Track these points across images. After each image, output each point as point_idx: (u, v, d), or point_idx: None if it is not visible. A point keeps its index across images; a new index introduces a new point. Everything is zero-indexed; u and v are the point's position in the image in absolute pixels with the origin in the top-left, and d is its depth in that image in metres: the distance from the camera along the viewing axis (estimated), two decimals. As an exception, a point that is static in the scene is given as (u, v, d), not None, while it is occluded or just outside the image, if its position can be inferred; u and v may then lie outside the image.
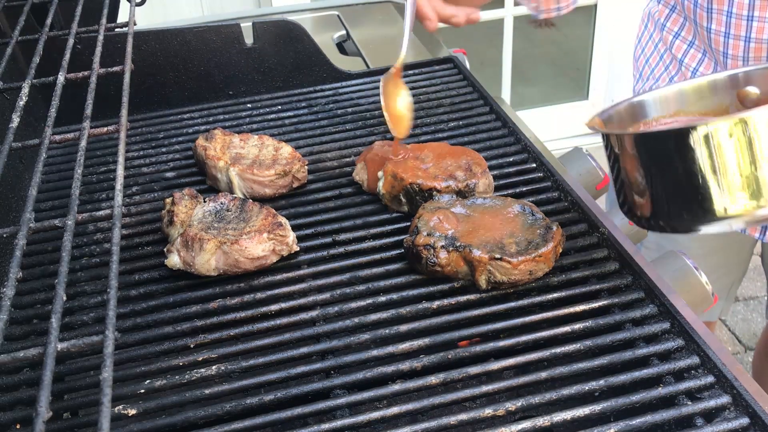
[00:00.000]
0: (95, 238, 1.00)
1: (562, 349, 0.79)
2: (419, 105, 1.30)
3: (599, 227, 0.96)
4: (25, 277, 0.92)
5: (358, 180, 1.08)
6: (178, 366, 0.79)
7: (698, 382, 0.74)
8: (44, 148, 0.67)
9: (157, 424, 0.72)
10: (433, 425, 0.70)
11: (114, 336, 0.47)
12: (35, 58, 0.81)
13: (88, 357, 0.80)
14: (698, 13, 1.16)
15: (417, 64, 1.42)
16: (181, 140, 1.23)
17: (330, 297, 0.88)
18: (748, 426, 0.70)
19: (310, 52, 1.38)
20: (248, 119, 1.29)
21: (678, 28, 1.26)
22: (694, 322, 0.80)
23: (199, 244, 0.88)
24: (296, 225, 0.99)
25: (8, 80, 0.80)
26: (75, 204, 0.60)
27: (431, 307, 0.85)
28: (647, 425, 0.70)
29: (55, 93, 0.73)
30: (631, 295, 0.86)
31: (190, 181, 1.13)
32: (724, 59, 1.16)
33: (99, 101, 0.76)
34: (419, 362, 0.78)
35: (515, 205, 0.94)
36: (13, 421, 0.73)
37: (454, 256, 0.86)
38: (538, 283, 0.88)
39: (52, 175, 1.15)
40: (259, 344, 0.81)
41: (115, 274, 0.53)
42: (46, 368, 0.44)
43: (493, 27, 3.18)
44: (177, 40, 1.33)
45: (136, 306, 0.87)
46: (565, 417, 0.71)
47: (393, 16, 1.78)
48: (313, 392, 0.75)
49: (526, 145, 1.15)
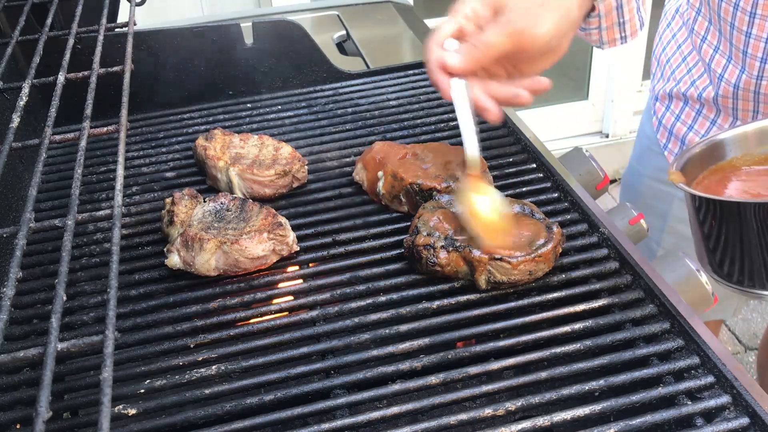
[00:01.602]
0: (95, 238, 1.00)
1: (562, 349, 0.79)
2: (419, 105, 1.30)
3: (599, 227, 0.96)
4: (25, 277, 0.92)
5: (358, 180, 1.08)
6: (178, 366, 0.79)
7: (698, 382, 0.74)
8: (44, 148, 0.67)
9: (157, 424, 0.72)
10: (433, 425, 0.70)
11: (114, 336, 0.47)
12: (35, 58, 0.81)
13: (88, 357, 0.80)
14: (723, 7, 1.15)
15: (417, 63, 1.42)
16: (181, 140, 1.23)
17: (330, 297, 0.88)
18: (748, 426, 0.70)
19: (310, 52, 1.38)
20: (248, 119, 1.29)
21: (704, 32, 1.25)
22: (694, 322, 0.80)
23: (199, 243, 0.88)
24: (296, 225, 0.99)
25: (8, 80, 0.80)
26: (75, 204, 0.60)
27: (431, 307, 0.85)
28: (647, 425, 0.70)
29: (55, 93, 0.73)
30: (631, 295, 0.86)
31: (190, 181, 1.13)
32: (743, 57, 1.15)
33: (99, 101, 0.76)
34: (419, 362, 0.78)
35: (515, 205, 0.94)
36: (13, 421, 0.73)
37: (454, 256, 0.86)
38: (538, 283, 0.88)
39: (52, 175, 1.15)
40: (259, 344, 0.81)
41: (115, 274, 0.53)
42: (46, 368, 0.44)
43: (493, 27, 3.18)
44: (177, 40, 1.33)
45: (136, 306, 0.87)
46: (565, 417, 0.71)
47: (393, 16, 1.78)
48: (313, 392, 0.75)
49: (526, 145, 1.15)
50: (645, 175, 1.49)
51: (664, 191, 1.44)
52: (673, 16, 1.38)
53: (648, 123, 1.47)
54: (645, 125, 1.50)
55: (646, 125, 1.48)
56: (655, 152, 1.44)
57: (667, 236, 1.47)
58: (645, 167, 1.49)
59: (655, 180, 1.46)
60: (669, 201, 1.43)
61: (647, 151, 1.48)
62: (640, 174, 1.52)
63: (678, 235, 1.44)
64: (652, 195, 1.48)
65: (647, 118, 1.48)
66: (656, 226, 1.46)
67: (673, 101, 1.36)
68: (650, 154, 1.46)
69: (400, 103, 1.31)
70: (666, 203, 1.43)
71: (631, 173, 1.57)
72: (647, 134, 1.47)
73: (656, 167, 1.44)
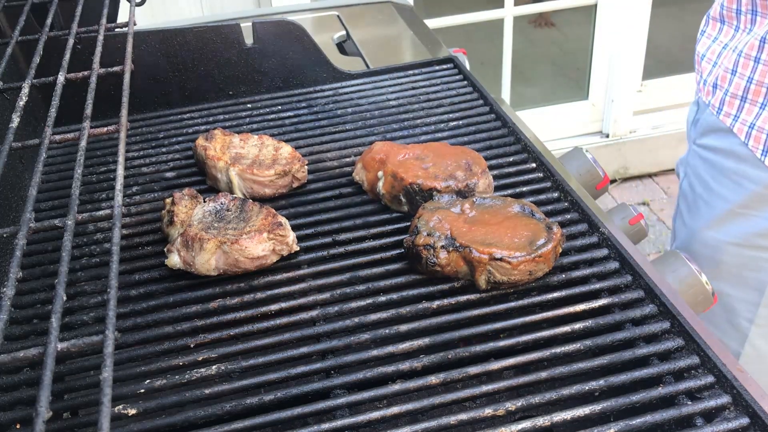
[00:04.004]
0: (95, 238, 1.00)
1: (562, 349, 0.79)
2: (419, 105, 1.30)
3: (599, 227, 0.95)
4: (25, 277, 0.92)
5: (358, 180, 1.08)
6: (178, 366, 0.79)
7: (698, 382, 0.74)
8: (44, 148, 0.67)
9: (157, 424, 0.72)
10: (433, 425, 0.70)
11: (114, 336, 0.47)
12: (35, 58, 0.81)
13: (88, 357, 0.80)
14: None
15: (417, 64, 1.42)
16: (181, 140, 1.23)
17: (330, 297, 0.88)
18: (748, 426, 0.70)
19: (310, 52, 1.38)
20: (248, 119, 1.29)
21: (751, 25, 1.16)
22: (694, 322, 0.80)
23: (199, 243, 0.88)
24: (296, 225, 0.99)
25: (8, 80, 0.80)
26: (75, 204, 0.60)
27: (431, 307, 0.85)
28: (647, 425, 0.70)
29: (55, 93, 0.73)
30: (631, 294, 0.86)
31: (190, 181, 1.13)
32: None
33: (99, 101, 0.76)
34: (419, 362, 0.78)
35: (515, 205, 0.94)
36: (13, 421, 0.73)
37: (454, 256, 0.86)
38: (538, 283, 0.88)
39: (52, 175, 1.15)
40: (259, 344, 0.81)
41: (115, 274, 0.53)
42: (46, 368, 0.44)
43: (493, 27, 3.18)
44: (177, 40, 1.33)
45: (136, 306, 0.87)
46: (565, 417, 0.71)
47: (393, 16, 1.78)
48: (313, 392, 0.75)
49: (526, 145, 1.15)
50: (728, 242, 1.29)
51: (759, 257, 1.25)
52: (710, 19, 1.27)
53: (720, 182, 1.23)
54: (713, 186, 1.26)
55: (717, 185, 1.24)
56: (742, 215, 1.24)
57: (763, 310, 1.28)
58: (727, 234, 1.29)
59: (745, 246, 1.27)
60: (767, 268, 1.23)
61: (729, 215, 1.27)
62: (718, 242, 1.30)
63: None
64: (742, 264, 1.28)
65: (715, 175, 1.25)
66: (749, 299, 1.28)
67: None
68: (734, 218, 1.26)
69: (400, 103, 1.31)
70: (763, 272, 1.25)
71: (701, 243, 1.34)
72: (723, 196, 1.24)
73: (747, 232, 1.25)
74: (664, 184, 3.41)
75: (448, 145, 1.10)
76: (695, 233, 1.37)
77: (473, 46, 3.12)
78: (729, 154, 1.26)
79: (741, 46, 1.22)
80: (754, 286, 1.27)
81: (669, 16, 3.80)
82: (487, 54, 3.42)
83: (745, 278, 1.28)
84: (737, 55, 1.22)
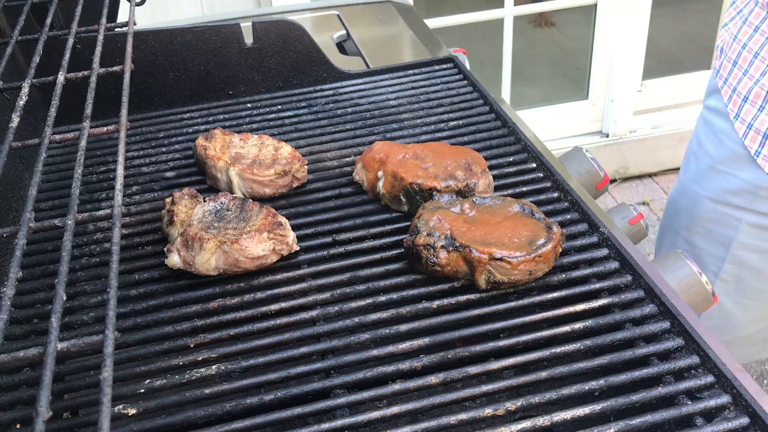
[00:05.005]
0: (95, 238, 1.00)
1: (562, 349, 0.79)
2: (419, 105, 1.30)
3: (599, 227, 0.95)
4: (25, 276, 0.92)
5: (358, 180, 1.08)
6: (178, 366, 0.79)
7: (698, 382, 0.74)
8: (44, 147, 0.67)
9: (157, 423, 0.72)
10: (433, 425, 0.70)
11: (114, 336, 0.47)
12: (35, 58, 0.81)
13: (88, 357, 0.80)
14: None
15: (417, 64, 1.42)
16: (181, 140, 1.23)
17: (330, 296, 0.88)
18: (748, 426, 0.70)
19: (310, 52, 1.38)
20: (248, 119, 1.29)
21: (759, 22, 1.20)
22: (694, 322, 0.80)
23: (199, 243, 0.88)
24: (296, 225, 0.99)
25: (8, 80, 0.80)
26: (75, 204, 0.60)
27: (431, 306, 0.85)
28: (647, 425, 0.70)
29: (55, 93, 0.73)
30: (631, 294, 0.86)
31: (190, 181, 1.13)
32: None
33: (99, 101, 0.76)
34: (419, 362, 0.78)
35: (515, 205, 0.94)
36: (13, 421, 0.73)
37: (454, 256, 0.86)
38: (538, 283, 0.88)
39: (52, 175, 1.15)
40: (259, 344, 0.81)
41: (115, 274, 0.53)
42: (46, 368, 0.44)
43: (493, 27, 3.18)
44: (177, 40, 1.33)
45: (136, 306, 0.87)
46: (565, 417, 0.71)
47: (393, 16, 1.78)
48: (313, 392, 0.75)
49: (526, 145, 1.15)
50: (705, 197, 1.37)
51: (729, 215, 1.32)
52: (751, 10, 1.28)
53: (709, 139, 1.35)
54: (704, 142, 1.37)
55: (706, 142, 1.36)
56: (719, 172, 1.32)
57: (728, 266, 1.35)
58: (705, 189, 1.37)
59: (719, 203, 1.34)
60: (735, 226, 1.31)
61: (709, 171, 1.35)
62: (697, 196, 1.39)
63: (742, 264, 1.34)
64: (714, 219, 1.36)
65: (707, 132, 1.36)
66: (716, 254, 1.35)
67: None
68: (713, 173, 1.34)
69: (400, 103, 1.31)
70: (731, 228, 1.32)
71: (684, 195, 1.44)
72: (708, 152, 1.35)
73: (722, 189, 1.33)
74: (664, 184, 3.41)
75: (448, 145, 1.10)
76: (683, 185, 1.46)
77: (473, 46, 3.12)
78: (720, 114, 1.34)
79: None
80: (722, 242, 1.34)
81: (669, 16, 3.80)
82: (487, 54, 3.42)
83: (715, 233, 1.35)
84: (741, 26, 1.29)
